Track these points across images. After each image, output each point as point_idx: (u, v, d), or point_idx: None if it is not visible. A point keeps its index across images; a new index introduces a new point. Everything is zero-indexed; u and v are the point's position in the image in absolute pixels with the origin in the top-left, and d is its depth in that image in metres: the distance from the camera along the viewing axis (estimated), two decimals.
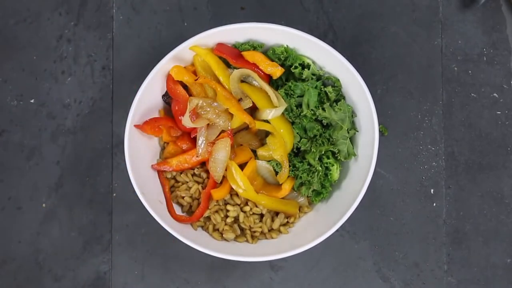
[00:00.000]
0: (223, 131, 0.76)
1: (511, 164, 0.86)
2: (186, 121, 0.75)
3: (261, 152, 0.77)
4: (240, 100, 0.76)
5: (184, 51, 0.75)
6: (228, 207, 0.78)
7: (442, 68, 0.86)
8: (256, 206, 0.78)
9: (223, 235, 0.78)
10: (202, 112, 0.75)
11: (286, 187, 0.78)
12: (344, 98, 0.78)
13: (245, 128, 0.79)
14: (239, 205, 0.78)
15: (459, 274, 0.84)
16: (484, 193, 0.85)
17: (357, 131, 0.77)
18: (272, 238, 0.79)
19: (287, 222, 0.79)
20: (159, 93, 0.78)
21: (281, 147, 0.76)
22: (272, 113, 0.75)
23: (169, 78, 0.77)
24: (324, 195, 0.78)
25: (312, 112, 0.75)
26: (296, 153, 0.79)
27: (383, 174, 0.85)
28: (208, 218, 0.78)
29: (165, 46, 0.78)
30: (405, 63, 0.86)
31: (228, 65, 0.77)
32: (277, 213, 0.79)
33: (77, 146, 0.85)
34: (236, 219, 0.78)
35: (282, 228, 0.78)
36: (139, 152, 0.76)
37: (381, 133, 0.84)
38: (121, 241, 0.84)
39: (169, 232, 0.73)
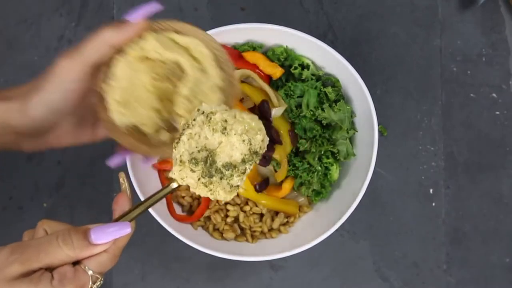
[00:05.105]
0: None
1: (510, 164, 0.86)
2: None
3: None
4: (241, 100, 0.76)
5: None
6: (228, 207, 0.78)
7: (441, 69, 0.87)
8: (256, 206, 0.78)
9: (223, 235, 0.78)
10: None
11: (286, 187, 0.78)
12: (343, 98, 0.78)
13: None
14: (239, 205, 0.78)
15: (458, 273, 0.85)
16: (483, 193, 0.86)
17: (357, 131, 0.77)
18: (272, 237, 0.79)
19: (287, 221, 0.79)
20: None
21: (281, 147, 0.77)
22: (273, 113, 0.75)
23: None
24: (324, 195, 0.78)
25: (312, 112, 0.76)
26: (296, 153, 0.79)
27: (383, 174, 0.85)
28: (208, 217, 0.79)
29: None
30: (404, 64, 0.86)
31: None
32: (277, 213, 0.79)
33: (78, 146, 0.85)
34: (236, 219, 0.78)
35: (282, 228, 0.79)
36: None
37: (380, 133, 0.84)
38: None
39: (169, 232, 0.73)
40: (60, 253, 0.45)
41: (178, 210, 0.79)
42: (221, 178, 0.54)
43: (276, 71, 0.77)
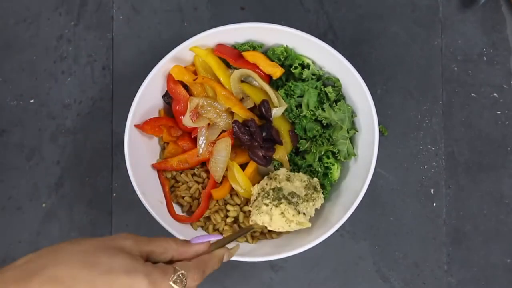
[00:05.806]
0: (223, 130, 0.76)
1: (511, 164, 0.86)
2: (187, 121, 0.75)
3: None
4: (241, 100, 0.76)
5: (184, 51, 0.75)
6: (228, 207, 0.78)
7: (442, 68, 0.86)
8: None
9: (223, 235, 0.77)
10: (203, 112, 0.75)
11: None
12: (344, 98, 0.78)
13: None
14: (239, 205, 0.78)
15: (459, 274, 0.84)
16: (484, 193, 0.85)
17: (357, 131, 0.77)
18: (272, 238, 0.79)
19: None
20: (159, 93, 0.78)
21: (282, 147, 0.76)
22: (273, 113, 0.75)
23: (169, 78, 0.77)
24: (324, 195, 0.78)
25: (312, 112, 0.75)
26: (296, 153, 0.79)
27: (383, 174, 0.85)
28: (208, 218, 0.78)
29: (165, 46, 0.77)
30: (405, 63, 0.86)
31: (228, 66, 0.77)
32: None
33: (77, 146, 0.85)
34: (236, 219, 0.78)
35: None
36: (139, 152, 0.76)
37: (381, 133, 0.84)
38: None
39: (169, 232, 0.73)
40: (165, 244, 0.55)
41: (178, 210, 0.78)
42: (289, 203, 0.69)
43: (276, 71, 0.76)
